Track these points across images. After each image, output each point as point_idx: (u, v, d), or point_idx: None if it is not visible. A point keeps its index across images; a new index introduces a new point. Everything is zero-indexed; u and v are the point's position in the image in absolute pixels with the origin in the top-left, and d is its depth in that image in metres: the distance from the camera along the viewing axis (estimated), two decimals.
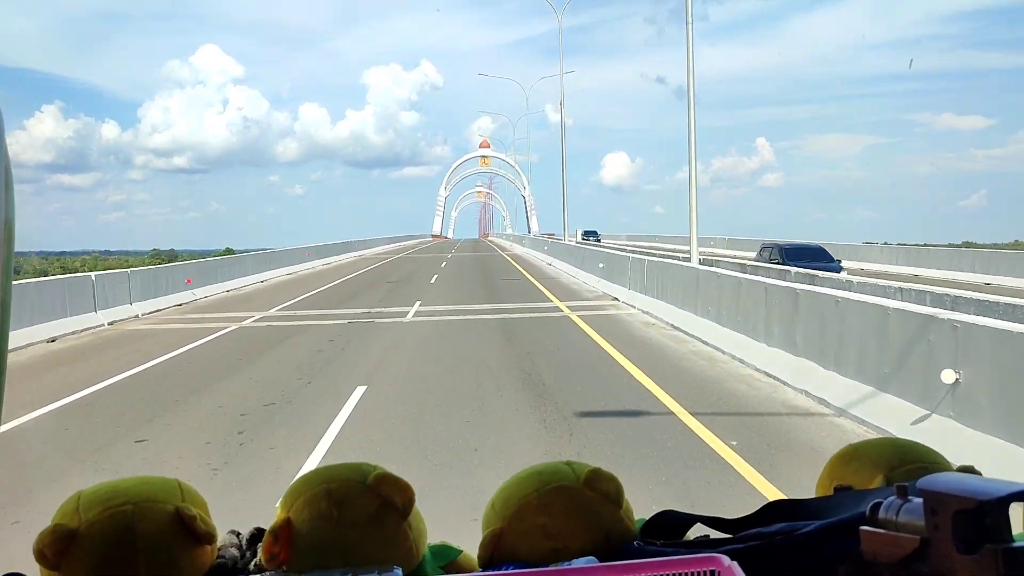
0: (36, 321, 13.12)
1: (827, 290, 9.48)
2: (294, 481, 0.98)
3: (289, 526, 0.94)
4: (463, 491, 5.22)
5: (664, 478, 5.73)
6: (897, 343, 7.09)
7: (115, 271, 18.33)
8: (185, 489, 1.00)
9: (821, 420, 7.42)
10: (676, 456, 6.27)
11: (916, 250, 32.59)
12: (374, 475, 0.96)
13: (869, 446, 1.07)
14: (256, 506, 5.03)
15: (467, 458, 6.28)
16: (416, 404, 8.32)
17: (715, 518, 0.94)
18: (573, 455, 6.12)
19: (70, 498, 0.96)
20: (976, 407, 5.89)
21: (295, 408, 8.25)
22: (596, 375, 9.67)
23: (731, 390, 8.74)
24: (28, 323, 12.90)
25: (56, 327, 13.74)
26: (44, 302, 13.68)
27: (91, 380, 10.02)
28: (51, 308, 13.79)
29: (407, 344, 12.69)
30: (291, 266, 32.85)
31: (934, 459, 1.04)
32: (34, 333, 13.04)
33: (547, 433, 7.05)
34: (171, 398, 8.97)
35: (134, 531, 0.92)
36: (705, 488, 5.55)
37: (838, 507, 0.87)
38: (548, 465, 1.01)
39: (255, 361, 11.40)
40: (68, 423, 8.03)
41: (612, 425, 7.36)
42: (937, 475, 0.66)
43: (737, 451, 6.30)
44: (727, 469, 5.92)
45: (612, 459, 6.15)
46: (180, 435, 7.34)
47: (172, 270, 21.10)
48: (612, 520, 0.96)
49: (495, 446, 6.63)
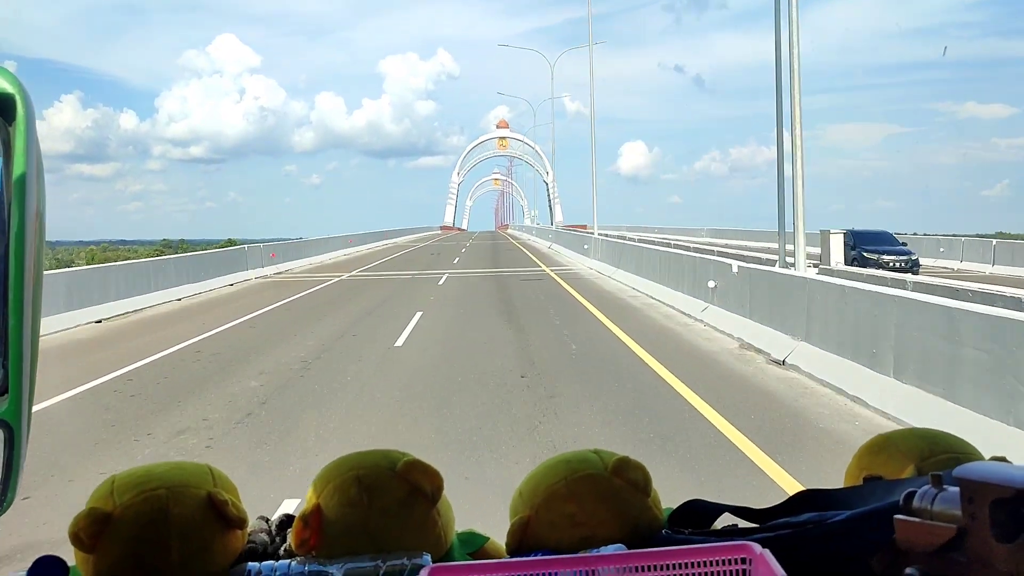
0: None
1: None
2: (324, 467, 1.00)
3: (319, 512, 0.95)
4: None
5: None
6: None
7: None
8: (216, 474, 1.01)
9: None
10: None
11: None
12: (403, 462, 0.97)
13: (899, 436, 1.07)
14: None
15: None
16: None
17: (743, 508, 0.95)
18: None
19: (104, 482, 0.98)
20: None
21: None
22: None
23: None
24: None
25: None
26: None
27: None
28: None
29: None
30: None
31: (965, 449, 1.03)
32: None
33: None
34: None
35: (168, 515, 0.93)
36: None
37: (869, 497, 0.86)
38: (576, 454, 1.01)
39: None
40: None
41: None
42: (973, 464, 0.66)
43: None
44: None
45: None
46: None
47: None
48: (640, 508, 0.97)
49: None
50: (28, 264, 0.63)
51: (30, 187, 0.64)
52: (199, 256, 23.90)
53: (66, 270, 17.75)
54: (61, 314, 14.28)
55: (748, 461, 5.72)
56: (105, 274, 17.21)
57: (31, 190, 0.64)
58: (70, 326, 14.32)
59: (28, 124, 0.64)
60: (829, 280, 9.70)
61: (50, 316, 13.57)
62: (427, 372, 9.59)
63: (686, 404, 7.50)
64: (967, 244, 29.55)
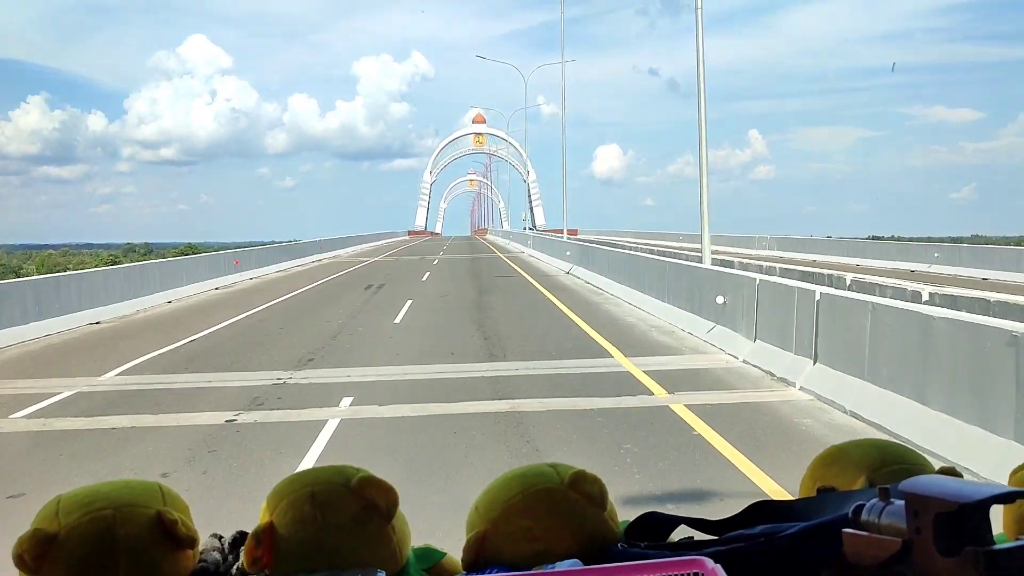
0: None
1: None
2: (277, 484, 0.99)
3: (272, 529, 0.94)
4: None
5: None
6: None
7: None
8: (166, 492, 0.99)
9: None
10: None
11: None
12: (357, 478, 0.96)
13: (852, 447, 1.08)
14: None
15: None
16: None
17: (699, 520, 0.95)
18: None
19: (49, 502, 0.96)
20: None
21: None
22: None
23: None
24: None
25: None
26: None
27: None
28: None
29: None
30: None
31: (916, 460, 1.05)
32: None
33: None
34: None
35: (114, 535, 0.92)
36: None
37: (822, 508, 0.87)
38: (532, 467, 1.01)
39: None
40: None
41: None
42: (919, 478, 0.67)
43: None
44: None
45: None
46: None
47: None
48: (596, 522, 0.97)
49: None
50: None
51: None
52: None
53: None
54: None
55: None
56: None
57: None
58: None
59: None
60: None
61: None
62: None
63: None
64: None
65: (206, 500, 5.11)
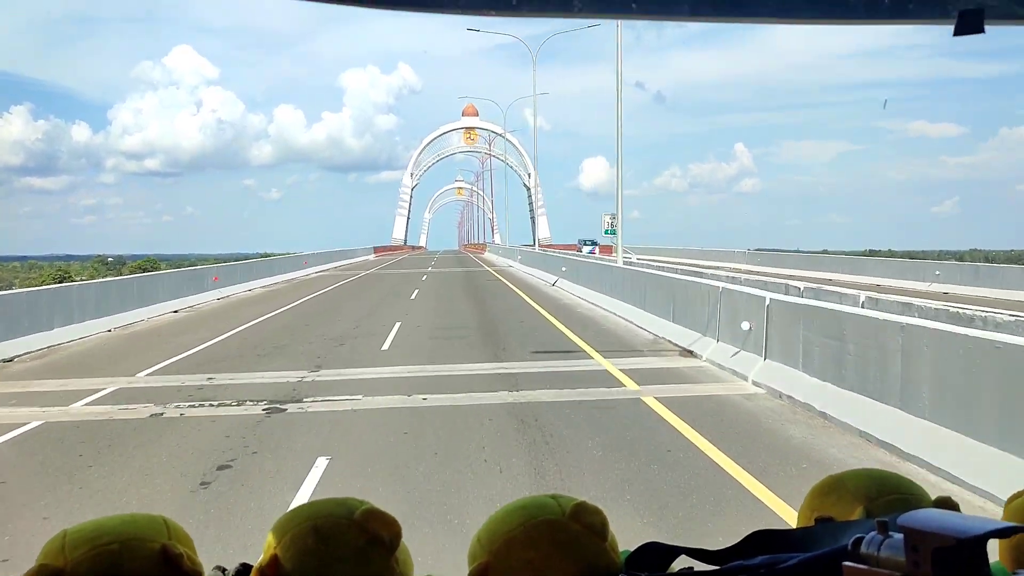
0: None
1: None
2: (280, 517, 1.00)
3: (276, 563, 0.95)
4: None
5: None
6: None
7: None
8: (171, 526, 1.00)
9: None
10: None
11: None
12: (361, 511, 0.97)
13: (849, 477, 1.10)
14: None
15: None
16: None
17: (699, 550, 0.96)
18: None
19: (55, 537, 0.96)
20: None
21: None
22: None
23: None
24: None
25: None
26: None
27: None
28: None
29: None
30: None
31: (912, 490, 1.07)
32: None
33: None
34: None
35: (121, 570, 0.92)
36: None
37: (820, 538, 0.88)
38: (533, 499, 1.01)
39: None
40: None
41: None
42: (917, 512, 0.69)
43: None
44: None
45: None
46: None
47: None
48: (597, 553, 0.96)
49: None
50: None
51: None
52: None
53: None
54: None
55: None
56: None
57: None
58: None
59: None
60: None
61: None
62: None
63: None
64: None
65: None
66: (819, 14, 0.63)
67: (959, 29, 0.64)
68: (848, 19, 0.63)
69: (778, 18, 0.62)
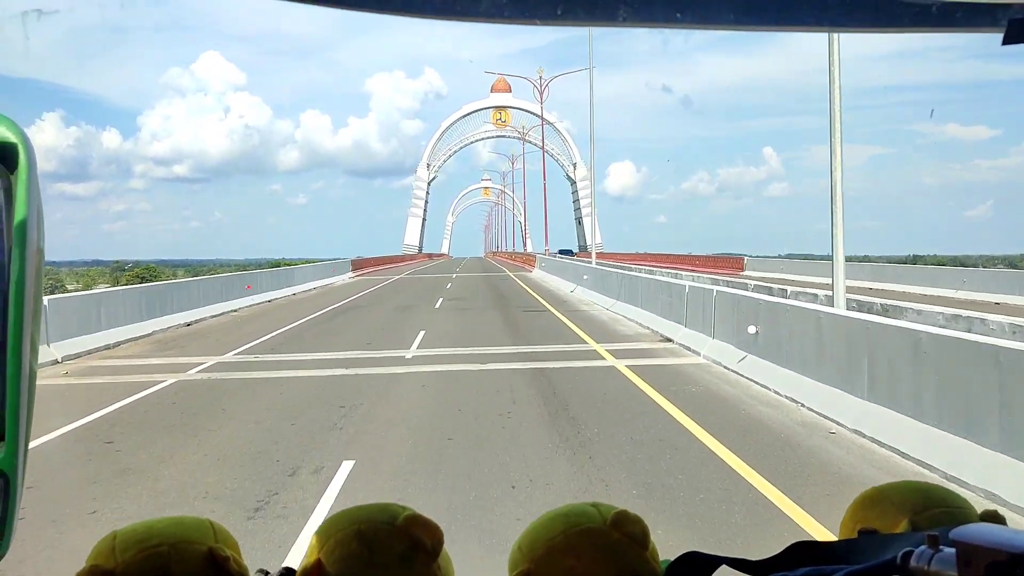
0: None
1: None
2: (323, 522, 1.01)
3: (320, 567, 0.96)
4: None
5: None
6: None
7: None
8: (217, 529, 1.03)
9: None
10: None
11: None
12: (404, 516, 0.98)
13: (892, 489, 1.09)
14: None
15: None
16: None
17: (741, 560, 0.94)
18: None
19: (105, 538, 0.98)
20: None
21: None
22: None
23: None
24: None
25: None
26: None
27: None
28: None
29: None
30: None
31: (958, 503, 1.05)
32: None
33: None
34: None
35: (169, 572, 0.94)
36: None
37: (865, 551, 0.87)
38: (574, 507, 1.01)
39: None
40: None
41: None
42: (970, 526, 0.68)
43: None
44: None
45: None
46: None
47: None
48: (638, 562, 0.96)
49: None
50: (27, 310, 0.63)
51: (31, 233, 0.64)
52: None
53: None
54: None
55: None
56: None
57: (31, 236, 0.65)
58: None
59: (30, 172, 0.65)
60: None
61: None
62: None
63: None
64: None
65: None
66: (867, 23, 0.58)
67: (1008, 38, 0.58)
68: (895, 28, 0.58)
69: (824, 27, 0.58)
